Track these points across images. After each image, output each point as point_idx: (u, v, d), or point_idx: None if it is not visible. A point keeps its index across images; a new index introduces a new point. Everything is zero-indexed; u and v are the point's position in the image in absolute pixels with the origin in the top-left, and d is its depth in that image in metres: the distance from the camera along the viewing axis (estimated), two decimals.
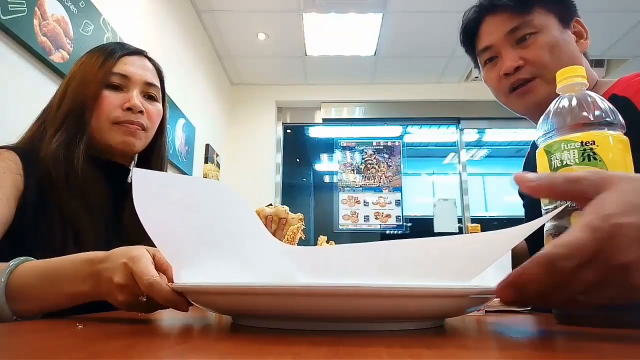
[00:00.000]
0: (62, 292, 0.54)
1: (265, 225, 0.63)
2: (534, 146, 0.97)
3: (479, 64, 0.95)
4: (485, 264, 0.36)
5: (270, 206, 0.91)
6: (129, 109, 0.86)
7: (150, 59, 0.95)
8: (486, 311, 0.72)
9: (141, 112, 0.88)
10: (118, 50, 0.89)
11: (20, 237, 0.74)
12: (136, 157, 0.97)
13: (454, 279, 0.36)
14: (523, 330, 0.39)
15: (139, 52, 0.94)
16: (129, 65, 0.89)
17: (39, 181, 0.78)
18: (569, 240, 0.32)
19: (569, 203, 0.45)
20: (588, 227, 0.32)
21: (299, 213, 0.92)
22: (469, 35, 0.94)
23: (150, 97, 0.92)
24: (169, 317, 0.55)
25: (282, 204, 3.84)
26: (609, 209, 0.32)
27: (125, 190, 0.91)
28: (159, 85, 0.95)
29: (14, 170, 0.76)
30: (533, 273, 0.32)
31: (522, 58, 0.83)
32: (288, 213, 0.90)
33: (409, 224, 4.04)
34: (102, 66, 0.86)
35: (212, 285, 0.37)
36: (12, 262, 0.57)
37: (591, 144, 0.44)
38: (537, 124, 0.84)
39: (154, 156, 0.97)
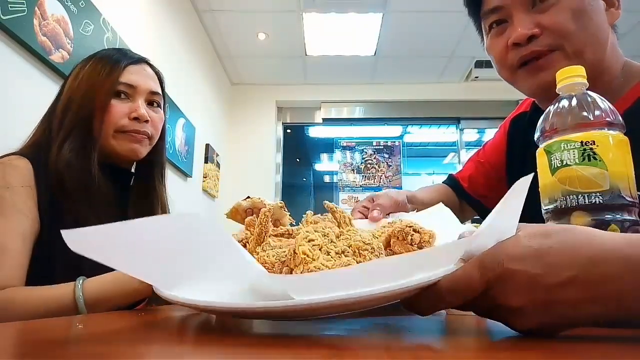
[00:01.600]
0: (131, 288, 0.68)
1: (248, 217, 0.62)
2: (519, 121, 0.92)
3: (483, 30, 0.77)
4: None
5: (247, 199, 0.90)
6: (135, 118, 0.89)
7: (151, 66, 0.97)
8: None
9: (146, 121, 0.90)
10: (122, 59, 0.91)
11: (40, 241, 0.76)
12: (135, 162, 0.97)
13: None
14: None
15: (142, 60, 0.95)
16: (135, 75, 0.91)
17: (50, 188, 0.80)
18: (458, 275, 0.33)
19: (569, 202, 0.45)
20: (480, 266, 0.33)
21: (279, 201, 0.92)
22: None
23: (153, 105, 0.94)
24: (169, 317, 0.55)
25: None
26: (505, 252, 0.33)
27: (128, 194, 0.94)
28: (161, 92, 0.97)
29: (28, 182, 0.78)
30: (427, 302, 0.34)
31: (537, 25, 0.66)
32: (266, 203, 0.90)
33: None
34: (109, 76, 0.88)
35: (197, 303, 0.35)
36: (78, 280, 0.69)
37: (591, 144, 0.44)
38: (544, 107, 0.79)
39: (155, 160, 0.98)
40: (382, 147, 4.28)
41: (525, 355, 0.29)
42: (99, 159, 0.86)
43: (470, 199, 0.97)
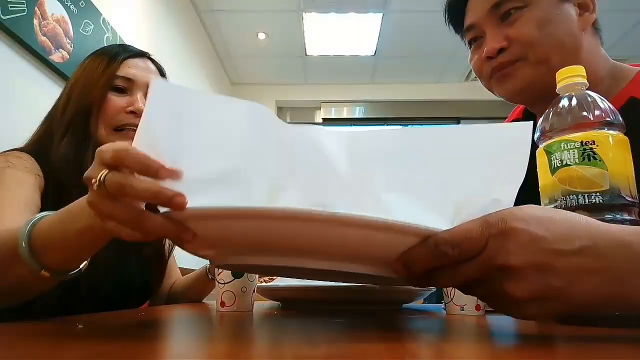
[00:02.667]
0: (74, 228, 0.47)
1: None
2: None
3: (466, 45, 0.83)
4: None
5: None
6: (132, 112, 0.87)
7: (152, 60, 0.96)
8: (486, 311, 0.72)
9: None
10: (121, 53, 0.90)
11: None
12: None
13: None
14: (523, 330, 0.39)
15: (142, 54, 0.94)
16: (133, 68, 0.90)
17: (53, 183, 0.79)
18: (459, 228, 0.33)
19: (569, 202, 0.45)
20: (482, 222, 0.32)
21: None
22: (455, 10, 0.80)
23: None
24: (169, 317, 0.55)
25: None
26: (510, 213, 0.33)
27: None
28: None
29: (34, 170, 0.78)
30: (420, 252, 0.33)
31: (506, 37, 0.71)
32: None
33: None
34: (106, 69, 0.87)
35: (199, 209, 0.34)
36: (34, 217, 0.51)
37: (591, 144, 0.44)
38: (532, 109, 0.80)
39: None
40: None
41: (526, 355, 0.29)
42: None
43: None
